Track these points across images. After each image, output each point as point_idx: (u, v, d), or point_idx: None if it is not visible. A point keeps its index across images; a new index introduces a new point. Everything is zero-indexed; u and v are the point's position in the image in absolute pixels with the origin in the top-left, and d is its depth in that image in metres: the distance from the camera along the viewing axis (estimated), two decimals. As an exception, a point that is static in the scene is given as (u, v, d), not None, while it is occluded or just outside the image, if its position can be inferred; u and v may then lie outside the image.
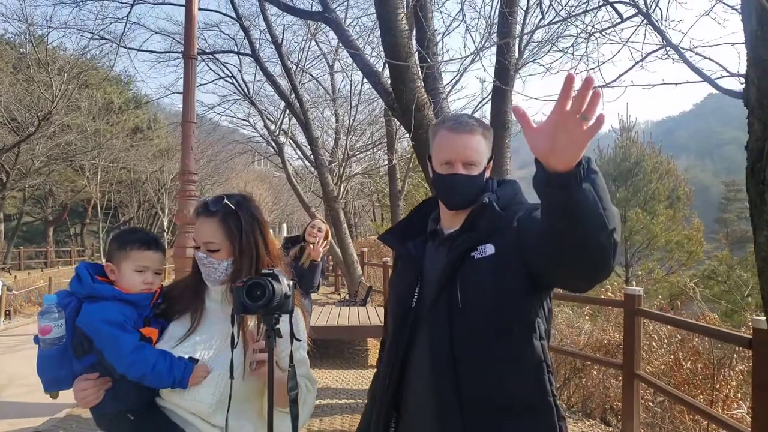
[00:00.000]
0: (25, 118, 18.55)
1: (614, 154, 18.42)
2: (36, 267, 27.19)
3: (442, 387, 1.49)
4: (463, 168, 1.59)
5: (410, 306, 1.59)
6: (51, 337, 1.52)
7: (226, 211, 1.64)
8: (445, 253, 1.59)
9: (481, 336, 1.48)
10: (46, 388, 1.65)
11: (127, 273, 1.67)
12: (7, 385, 6.61)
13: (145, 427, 1.62)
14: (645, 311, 5.26)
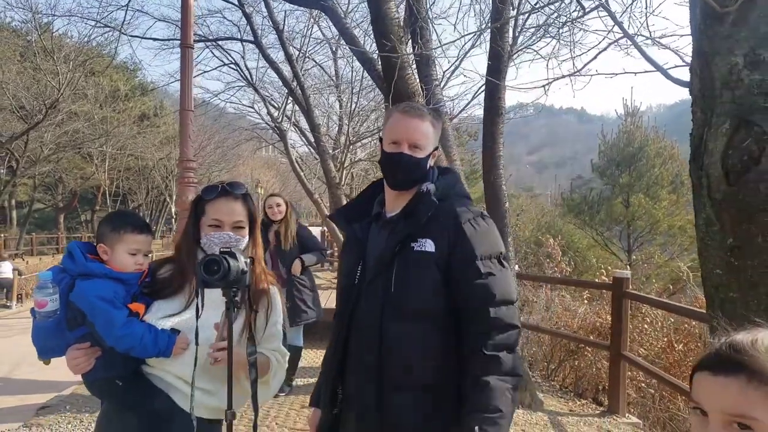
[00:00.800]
0: (33, 106, 18.76)
1: (617, 139, 18.36)
2: (48, 253, 27.62)
3: (367, 360, 1.64)
4: (409, 149, 1.71)
5: (353, 282, 1.73)
6: (46, 310, 1.66)
7: (246, 193, 1.86)
8: (386, 236, 1.72)
9: (404, 319, 1.63)
10: (39, 355, 1.80)
11: (121, 255, 1.81)
12: (19, 364, 6.84)
13: (132, 392, 1.77)
14: (632, 294, 5.39)
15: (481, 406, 1.52)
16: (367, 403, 1.63)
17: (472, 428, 1.50)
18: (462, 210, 1.68)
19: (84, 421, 4.79)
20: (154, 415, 1.75)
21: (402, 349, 1.62)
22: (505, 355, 1.57)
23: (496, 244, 1.68)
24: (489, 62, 5.63)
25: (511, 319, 1.61)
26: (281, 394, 5.32)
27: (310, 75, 14.13)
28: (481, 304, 1.59)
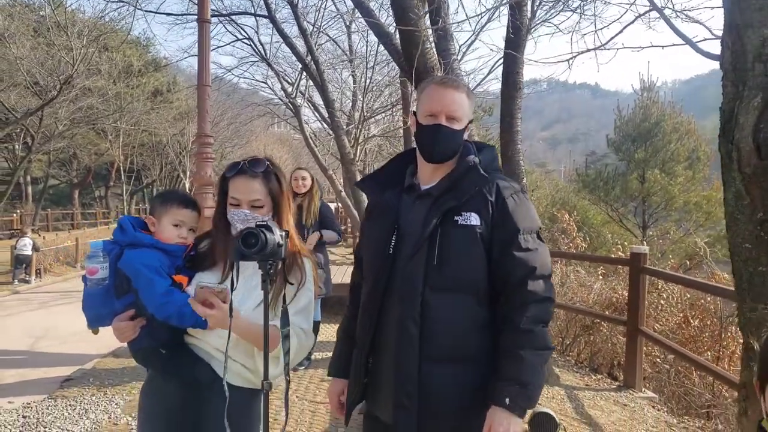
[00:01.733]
0: (47, 82, 18.78)
1: (634, 114, 18.12)
2: (63, 228, 27.96)
3: (409, 330, 1.65)
4: (446, 120, 1.70)
5: (387, 253, 1.72)
6: (96, 277, 1.74)
7: (267, 170, 1.84)
8: (424, 208, 1.70)
9: (448, 291, 1.65)
10: (89, 324, 1.86)
11: (166, 226, 1.89)
12: (42, 337, 6.99)
13: (174, 361, 1.83)
14: (649, 269, 5.37)
15: (513, 378, 1.55)
16: (408, 372, 1.64)
17: (503, 400, 1.54)
18: (504, 184, 1.69)
19: (107, 393, 4.90)
20: (196, 384, 1.81)
21: (444, 322, 1.64)
22: (540, 329, 1.60)
23: (535, 220, 1.71)
24: (508, 36, 5.56)
25: (547, 292, 1.64)
26: (300, 368, 5.40)
27: (324, 50, 14.04)
28: (521, 277, 1.61)
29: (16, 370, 5.67)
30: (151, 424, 1.89)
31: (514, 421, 1.54)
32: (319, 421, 4.25)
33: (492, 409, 1.57)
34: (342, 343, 1.96)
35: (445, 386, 1.64)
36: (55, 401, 4.72)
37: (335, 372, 1.94)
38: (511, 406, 1.54)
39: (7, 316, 8.37)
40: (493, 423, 1.54)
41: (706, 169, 17.41)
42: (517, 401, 1.54)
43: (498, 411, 1.55)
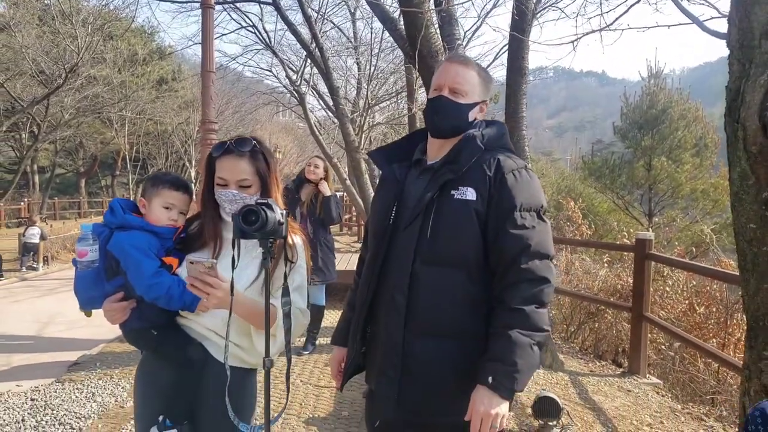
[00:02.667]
0: (53, 71, 18.77)
1: (641, 101, 17.96)
2: (70, 217, 28.11)
3: (397, 300, 1.65)
4: (449, 93, 1.69)
5: (387, 224, 1.72)
6: (86, 260, 1.74)
7: (254, 150, 1.81)
8: (425, 181, 1.70)
9: (437, 265, 1.63)
10: (81, 306, 1.86)
11: (156, 208, 1.88)
12: (49, 323, 7.05)
13: (166, 342, 1.84)
14: (655, 255, 5.35)
15: (499, 357, 1.53)
16: (392, 343, 1.66)
17: (486, 378, 1.52)
18: (506, 160, 1.66)
19: (114, 377, 4.95)
20: (188, 364, 1.82)
21: (431, 295, 1.63)
22: (532, 310, 1.56)
23: (537, 197, 1.66)
24: (513, 19, 5.51)
25: (543, 272, 1.58)
26: (305, 353, 5.43)
27: (328, 37, 13.97)
28: (514, 255, 1.58)
29: (24, 355, 5.73)
30: (146, 405, 1.90)
31: (497, 401, 1.51)
32: (323, 405, 4.27)
33: (476, 387, 1.55)
34: (346, 313, 1.98)
35: (428, 360, 1.63)
36: (63, 385, 4.77)
37: (337, 340, 1.97)
38: (494, 386, 1.51)
39: (16, 303, 8.45)
40: (475, 402, 1.53)
41: (714, 156, 17.26)
42: (501, 381, 1.51)
43: (481, 389, 1.53)
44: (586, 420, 4.14)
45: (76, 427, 3.91)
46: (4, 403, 4.36)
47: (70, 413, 4.14)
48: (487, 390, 1.51)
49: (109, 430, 3.86)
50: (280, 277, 1.78)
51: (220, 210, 1.86)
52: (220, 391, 1.79)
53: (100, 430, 3.86)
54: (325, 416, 4.06)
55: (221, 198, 1.81)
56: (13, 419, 4.06)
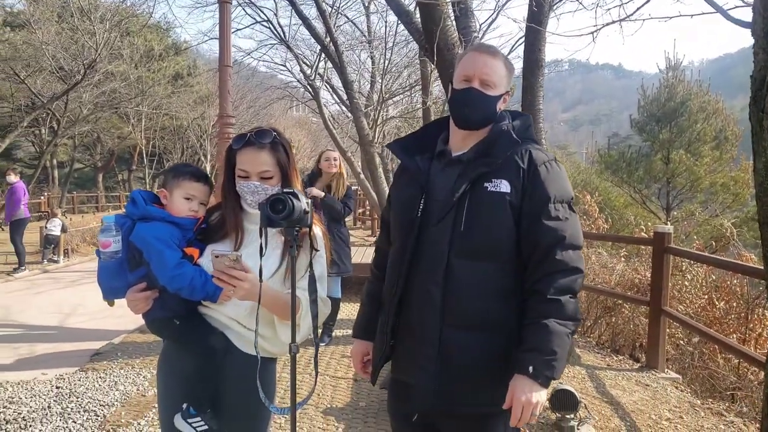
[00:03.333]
0: (72, 67, 18.99)
1: (658, 93, 17.72)
2: (88, 211, 28.43)
3: (432, 294, 1.66)
4: (480, 85, 1.69)
5: (415, 216, 1.72)
6: (109, 251, 1.77)
7: (274, 141, 1.83)
8: (454, 174, 1.70)
9: (473, 258, 1.64)
10: (104, 296, 1.90)
11: (177, 199, 1.90)
12: (71, 314, 7.17)
13: (188, 331, 1.87)
14: (673, 248, 5.31)
15: (538, 347, 1.55)
16: (428, 336, 1.66)
17: (526, 368, 1.54)
18: (537, 153, 1.68)
19: (135, 366, 5.03)
20: (210, 353, 1.85)
21: (468, 288, 1.63)
22: (567, 300, 1.59)
23: (568, 189, 1.69)
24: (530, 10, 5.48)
25: (576, 262, 1.62)
26: (321, 344, 5.48)
27: (343, 32, 13.97)
28: (549, 246, 1.60)
29: (48, 344, 5.84)
30: (169, 393, 1.94)
31: (537, 390, 1.54)
32: (340, 395, 4.31)
33: (515, 377, 1.57)
34: (366, 306, 1.98)
35: (466, 352, 1.64)
36: (86, 373, 4.86)
37: (359, 334, 1.97)
38: (534, 375, 1.53)
39: (38, 294, 8.60)
40: (516, 390, 1.54)
41: (734, 149, 16.97)
42: (541, 370, 1.53)
43: (521, 379, 1.55)
44: (604, 414, 4.13)
45: (100, 415, 3.99)
46: (30, 390, 4.46)
47: (94, 401, 4.22)
48: (527, 379, 1.54)
49: (132, 417, 3.93)
50: (303, 266, 1.81)
51: (241, 201, 1.89)
52: (242, 379, 1.82)
53: (123, 417, 3.94)
54: (342, 407, 4.10)
55: (243, 190, 1.83)
56: (39, 406, 4.15)
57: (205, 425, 1.85)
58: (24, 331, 6.41)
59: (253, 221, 1.86)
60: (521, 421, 1.54)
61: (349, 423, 3.83)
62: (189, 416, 1.86)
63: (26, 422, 3.87)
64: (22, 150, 33.88)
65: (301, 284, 1.79)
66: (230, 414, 1.91)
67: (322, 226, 1.98)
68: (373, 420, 3.85)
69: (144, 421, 3.85)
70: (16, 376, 4.82)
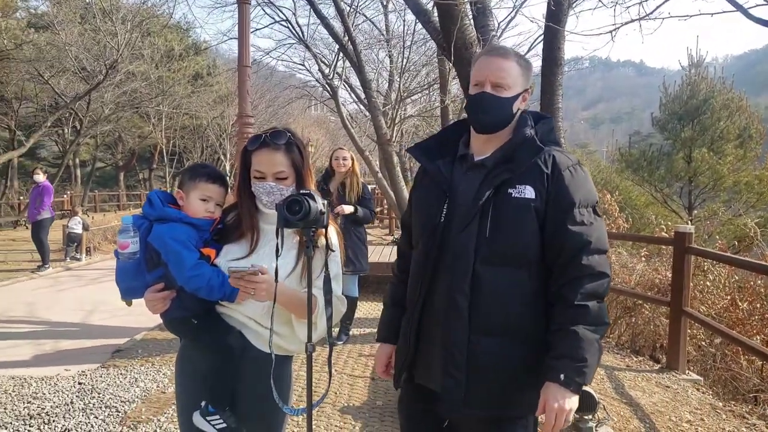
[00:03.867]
0: (94, 67, 19.28)
1: (681, 91, 17.46)
2: (110, 210, 28.88)
3: (459, 301, 1.65)
4: (492, 88, 1.68)
5: (438, 221, 1.71)
6: (127, 251, 1.79)
7: (289, 142, 1.85)
8: (477, 179, 1.68)
9: (499, 264, 1.63)
10: (122, 296, 1.93)
11: (193, 200, 1.92)
12: (93, 311, 7.28)
13: (206, 330, 1.89)
14: (695, 248, 5.23)
15: (568, 354, 1.55)
16: (455, 343, 1.65)
17: (558, 376, 1.53)
18: (561, 157, 1.67)
19: (155, 363, 5.10)
20: (227, 352, 1.87)
21: (493, 295, 1.63)
22: (594, 305, 1.58)
23: (593, 194, 1.68)
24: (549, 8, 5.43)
25: (603, 267, 1.61)
26: (339, 343, 5.50)
27: (361, 30, 13.99)
28: (575, 251, 1.59)
29: (71, 341, 5.94)
30: (187, 391, 1.97)
31: (569, 397, 1.54)
32: (357, 394, 4.33)
33: (546, 385, 1.57)
34: (389, 309, 1.98)
35: (493, 359, 1.64)
36: (108, 370, 4.94)
37: (383, 338, 1.98)
38: (566, 382, 1.53)
39: (61, 291, 8.75)
40: (548, 399, 1.54)
41: (759, 147, 16.62)
42: (572, 377, 1.53)
43: (553, 387, 1.55)
44: (623, 415, 4.09)
45: (121, 411, 4.05)
46: (54, 386, 4.54)
47: (115, 397, 4.29)
48: (559, 387, 1.54)
49: (152, 414, 3.98)
50: (319, 265, 1.82)
51: (257, 201, 1.91)
52: (259, 377, 1.84)
53: (144, 413, 3.99)
54: (359, 405, 4.11)
55: (259, 190, 1.85)
56: (62, 401, 4.23)
57: (224, 423, 1.87)
58: (48, 328, 6.53)
59: (269, 221, 1.88)
60: (555, 428, 1.54)
61: (366, 422, 3.84)
62: (208, 414, 1.89)
63: (49, 417, 3.94)
64: (46, 149, 34.55)
65: (317, 284, 1.80)
66: (248, 412, 1.93)
67: (336, 226, 1.99)
68: (390, 419, 3.86)
69: (164, 417, 3.91)
70: (40, 371, 4.92)
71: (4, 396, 4.35)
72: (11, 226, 19.65)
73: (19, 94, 22.23)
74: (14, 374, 4.84)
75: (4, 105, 23.33)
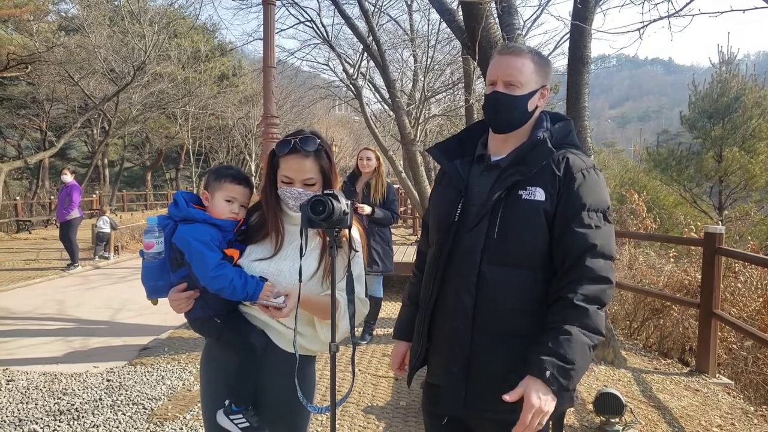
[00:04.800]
0: (122, 69, 19.66)
1: (711, 89, 17.08)
2: (137, 209, 29.39)
3: (464, 301, 1.64)
4: (504, 87, 1.66)
5: (452, 220, 1.71)
6: (152, 251, 1.82)
7: (319, 148, 1.85)
8: (491, 180, 1.68)
9: (505, 265, 1.62)
10: (148, 295, 1.95)
11: (218, 201, 1.93)
12: (120, 309, 7.41)
13: (229, 329, 1.90)
14: (725, 249, 5.12)
15: (558, 353, 1.49)
16: (459, 341, 1.65)
17: (543, 372, 1.48)
18: (575, 159, 1.64)
19: (181, 361, 5.16)
20: (251, 351, 1.88)
21: (499, 295, 1.62)
22: (594, 311, 1.54)
23: (604, 198, 1.64)
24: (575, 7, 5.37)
25: (605, 272, 1.57)
26: (362, 343, 5.51)
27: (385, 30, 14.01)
28: (580, 253, 1.57)
29: (99, 338, 6.05)
30: (211, 389, 1.99)
31: (551, 398, 1.48)
32: (381, 394, 4.33)
33: (528, 378, 1.50)
34: (407, 307, 1.99)
35: (495, 359, 1.62)
36: (135, 367, 5.02)
37: (399, 335, 1.98)
38: (550, 381, 1.48)
39: (90, 290, 8.92)
40: (530, 393, 1.47)
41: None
42: (558, 377, 1.47)
43: (535, 382, 1.49)
44: (651, 418, 4.02)
45: (148, 408, 4.11)
46: (83, 383, 4.63)
47: (142, 394, 4.36)
48: (542, 384, 1.48)
49: (178, 411, 4.03)
50: (341, 266, 1.82)
51: (282, 204, 1.92)
52: (282, 377, 1.85)
53: (170, 411, 4.05)
54: (383, 405, 4.11)
55: (286, 195, 1.86)
56: (91, 398, 4.31)
57: (247, 422, 1.89)
58: (77, 325, 6.66)
59: (293, 222, 1.89)
60: (528, 428, 1.47)
61: (390, 422, 3.84)
62: (231, 413, 1.90)
63: (79, 413, 4.02)
64: (76, 150, 35.30)
65: (340, 285, 1.81)
66: (271, 411, 1.94)
67: (359, 226, 1.99)
68: (414, 419, 3.85)
69: (189, 415, 3.96)
70: (70, 368, 5.02)
71: (36, 392, 4.45)
72: (42, 225, 20.10)
73: (50, 96, 22.79)
74: (45, 370, 4.96)
75: (36, 107, 23.94)
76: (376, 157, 5.35)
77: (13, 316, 7.12)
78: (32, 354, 5.49)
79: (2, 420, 3.92)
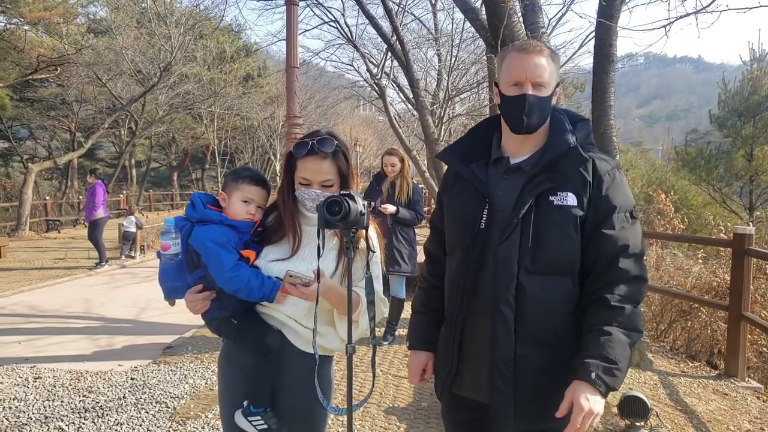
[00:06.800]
0: (149, 70, 19.98)
1: (741, 87, 16.67)
2: (163, 209, 29.84)
3: (504, 312, 1.60)
4: (533, 88, 1.61)
5: (478, 229, 1.65)
6: (169, 253, 1.83)
7: (336, 150, 1.84)
8: (516, 185, 1.64)
9: (543, 275, 1.59)
10: (165, 296, 1.97)
11: (235, 202, 1.94)
12: (145, 308, 7.51)
13: (246, 330, 1.91)
14: (755, 251, 5.00)
15: (600, 354, 1.50)
16: (502, 356, 1.61)
17: (589, 374, 1.48)
18: (600, 162, 1.63)
19: (204, 360, 5.21)
20: (268, 351, 1.88)
21: (539, 305, 1.59)
22: (631, 310, 1.55)
23: (630, 198, 1.65)
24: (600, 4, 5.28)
25: (640, 271, 1.58)
26: (384, 343, 5.50)
27: (409, 30, 13.98)
28: (612, 255, 1.57)
29: (124, 337, 6.14)
30: (229, 390, 1.99)
31: (599, 399, 1.47)
32: (402, 394, 4.31)
33: (575, 383, 1.50)
34: (422, 315, 1.92)
35: (541, 369, 1.60)
36: (158, 366, 5.08)
37: (415, 345, 1.92)
38: (597, 382, 1.47)
39: (116, 288, 9.07)
40: (579, 397, 1.46)
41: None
42: (603, 378, 1.48)
43: (583, 385, 1.48)
44: (677, 422, 3.94)
45: (171, 406, 4.15)
46: (107, 381, 4.71)
47: (166, 393, 4.41)
48: (589, 386, 1.48)
49: (200, 410, 4.07)
50: (359, 266, 1.81)
51: (299, 205, 1.91)
52: (299, 377, 1.85)
53: (192, 410, 4.09)
54: (404, 406, 4.10)
55: (303, 196, 1.86)
56: (115, 396, 4.37)
57: (265, 425, 1.89)
58: (103, 324, 6.78)
59: (311, 223, 1.89)
60: (580, 430, 1.47)
61: (411, 423, 3.82)
62: (249, 414, 1.91)
63: (103, 411, 4.08)
64: (104, 150, 35.97)
65: (360, 285, 1.80)
66: (289, 412, 1.94)
67: (377, 227, 1.98)
68: (435, 421, 3.82)
69: (211, 414, 3.99)
70: (95, 366, 5.10)
71: (62, 389, 4.53)
72: (71, 225, 20.53)
73: (78, 97, 23.28)
74: (71, 368, 5.04)
75: (65, 108, 24.46)
76: (400, 159, 5.35)
77: (41, 314, 7.28)
78: (59, 352, 5.59)
79: (29, 417, 3.99)
